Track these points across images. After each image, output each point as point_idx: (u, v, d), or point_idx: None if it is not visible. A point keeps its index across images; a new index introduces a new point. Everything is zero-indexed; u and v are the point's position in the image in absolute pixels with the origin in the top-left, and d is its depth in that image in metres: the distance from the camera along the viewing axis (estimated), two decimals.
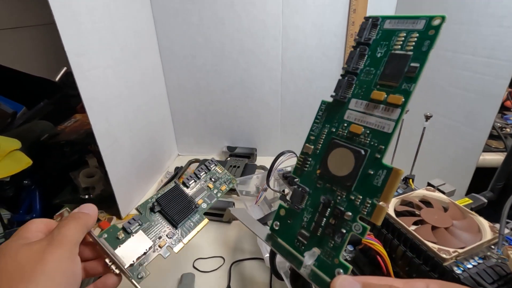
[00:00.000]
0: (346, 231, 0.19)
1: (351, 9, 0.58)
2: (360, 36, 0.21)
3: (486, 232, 0.29)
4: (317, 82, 0.67)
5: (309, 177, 0.22)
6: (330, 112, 0.22)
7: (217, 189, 0.34)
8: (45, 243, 0.20)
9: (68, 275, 0.20)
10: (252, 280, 0.42)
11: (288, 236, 0.22)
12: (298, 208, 0.21)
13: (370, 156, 0.19)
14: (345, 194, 0.19)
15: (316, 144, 0.22)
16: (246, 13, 0.61)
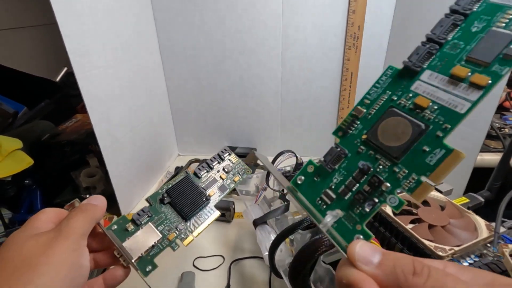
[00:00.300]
0: (379, 201, 0.18)
1: (350, 10, 0.59)
2: (458, 4, 0.19)
3: (482, 230, 0.29)
4: (317, 82, 0.67)
5: (351, 140, 0.20)
6: (396, 79, 0.20)
7: (230, 180, 0.32)
8: (52, 235, 0.20)
9: (74, 268, 0.20)
10: (251, 278, 0.43)
11: (311, 193, 0.21)
12: (331, 168, 0.20)
13: (431, 133, 0.17)
14: (389, 165, 0.18)
15: (370, 108, 0.21)
16: (247, 13, 0.61)
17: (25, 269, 0.18)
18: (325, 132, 0.73)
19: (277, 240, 0.31)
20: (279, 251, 0.35)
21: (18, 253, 0.19)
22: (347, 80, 0.65)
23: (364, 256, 0.15)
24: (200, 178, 0.32)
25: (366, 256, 0.15)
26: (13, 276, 0.18)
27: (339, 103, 0.69)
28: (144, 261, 0.26)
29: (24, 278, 0.18)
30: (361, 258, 0.15)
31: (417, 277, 0.13)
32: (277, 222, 0.41)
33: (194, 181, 0.31)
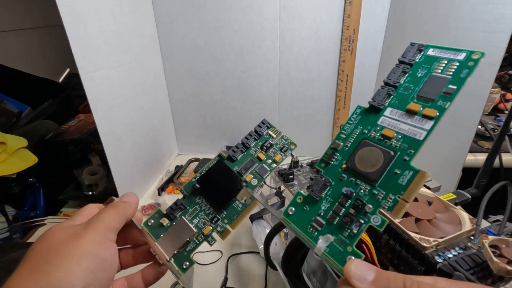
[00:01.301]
0: (364, 222, 0.20)
1: (345, 14, 0.61)
2: (404, 57, 0.24)
3: (466, 224, 0.31)
4: (313, 84, 0.69)
5: (333, 170, 0.23)
6: (364, 116, 0.24)
7: (271, 159, 0.27)
8: (80, 227, 0.21)
9: (96, 260, 0.19)
10: (248, 272, 0.44)
11: (302, 222, 0.23)
12: (318, 196, 0.22)
13: (399, 158, 0.21)
14: (368, 188, 0.21)
15: (346, 141, 0.24)
16: (245, 17, 0.63)
17: (46, 259, 0.18)
18: (322, 132, 0.75)
19: (272, 233, 0.33)
20: (274, 244, 0.36)
21: (46, 243, 0.19)
22: (343, 82, 0.67)
23: (360, 274, 0.16)
24: (235, 162, 0.28)
25: (361, 274, 0.16)
26: (36, 266, 0.18)
27: (335, 104, 0.70)
28: (181, 258, 0.25)
29: (44, 268, 0.18)
30: (357, 276, 0.16)
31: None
32: (273, 217, 0.43)
33: (228, 165, 0.27)
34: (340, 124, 0.72)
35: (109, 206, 0.23)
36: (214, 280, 0.43)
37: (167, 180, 0.66)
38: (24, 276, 0.18)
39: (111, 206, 0.23)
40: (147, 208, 0.57)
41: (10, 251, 0.46)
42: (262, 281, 0.43)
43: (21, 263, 0.19)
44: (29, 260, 0.19)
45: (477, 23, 0.44)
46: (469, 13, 0.45)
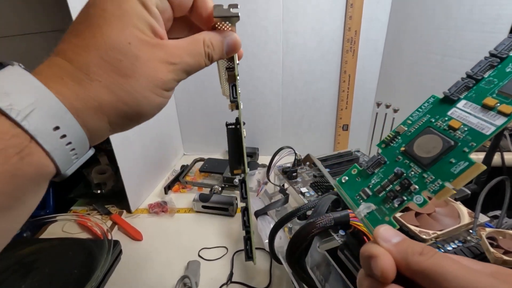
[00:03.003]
0: (407, 199, 0.21)
1: (347, 16, 0.62)
2: (497, 49, 0.23)
3: (464, 217, 0.32)
4: (316, 84, 0.70)
5: (391, 151, 0.25)
6: (435, 105, 0.25)
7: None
8: (166, 54, 0.19)
9: (154, 99, 0.20)
10: (253, 267, 0.46)
11: (352, 190, 0.25)
12: (371, 171, 0.25)
13: (458, 148, 0.21)
14: (419, 171, 0.22)
15: (410, 127, 0.25)
16: (249, 19, 0.65)
17: (131, 72, 0.17)
18: (325, 132, 0.76)
19: (277, 226, 0.34)
20: (278, 238, 0.37)
21: (133, 51, 0.17)
22: (345, 82, 0.68)
23: (386, 236, 0.18)
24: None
25: (387, 236, 0.18)
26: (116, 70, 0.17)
27: (338, 104, 0.72)
28: None
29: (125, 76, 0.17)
30: (383, 237, 0.18)
31: (421, 256, 0.16)
32: (277, 213, 0.44)
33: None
34: (343, 124, 0.74)
35: (219, 42, 0.22)
36: (220, 275, 0.44)
37: (173, 179, 0.67)
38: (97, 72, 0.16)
39: (217, 40, 0.21)
40: (154, 206, 0.59)
41: (22, 246, 0.48)
42: (267, 275, 0.44)
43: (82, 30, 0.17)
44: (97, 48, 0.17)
45: (475, 24, 0.45)
46: (467, 14, 0.46)
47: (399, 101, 0.50)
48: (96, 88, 0.16)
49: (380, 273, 0.16)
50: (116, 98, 0.17)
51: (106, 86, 0.17)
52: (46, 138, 0.15)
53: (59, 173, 0.17)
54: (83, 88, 0.16)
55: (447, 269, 0.15)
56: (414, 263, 0.16)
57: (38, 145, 0.15)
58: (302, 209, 0.34)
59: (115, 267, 0.46)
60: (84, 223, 0.52)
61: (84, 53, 0.17)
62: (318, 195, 0.42)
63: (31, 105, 0.15)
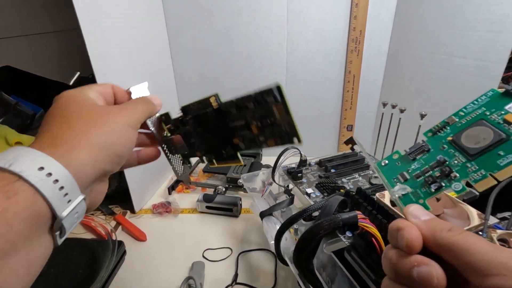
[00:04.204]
0: (445, 185, 0.22)
1: (352, 16, 0.62)
2: None
3: (474, 219, 0.31)
4: (320, 85, 0.70)
5: (438, 140, 0.25)
6: (493, 99, 0.25)
7: (264, 138, 0.22)
8: (117, 108, 0.23)
9: (123, 138, 0.22)
10: (258, 268, 0.45)
11: (390, 173, 0.25)
12: (413, 157, 0.25)
13: (509, 142, 0.21)
14: (463, 161, 0.22)
15: (462, 118, 0.25)
16: (253, 20, 0.65)
17: (94, 120, 0.21)
18: (328, 133, 0.76)
19: (283, 227, 0.34)
20: (284, 239, 0.37)
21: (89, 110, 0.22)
22: (349, 82, 0.68)
23: (415, 213, 0.18)
24: (228, 115, 0.24)
25: (417, 214, 0.18)
26: (87, 123, 0.20)
27: (342, 105, 0.71)
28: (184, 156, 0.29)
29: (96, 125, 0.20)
30: (412, 214, 0.18)
31: (450, 232, 0.16)
32: (283, 214, 0.43)
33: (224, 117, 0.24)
34: (348, 124, 0.73)
35: (141, 99, 0.26)
36: (224, 276, 0.44)
37: (177, 180, 0.67)
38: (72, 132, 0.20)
39: (145, 100, 0.26)
40: (158, 206, 0.58)
41: None
42: (272, 276, 0.44)
43: (56, 117, 0.21)
44: (79, 119, 0.20)
45: (482, 23, 0.44)
46: (474, 13, 0.45)
47: (404, 101, 0.50)
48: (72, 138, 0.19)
49: (405, 243, 0.16)
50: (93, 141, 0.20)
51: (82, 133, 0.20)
52: (32, 174, 0.16)
53: (55, 216, 0.17)
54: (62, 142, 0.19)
55: (474, 244, 0.15)
56: (442, 238, 0.16)
57: (25, 182, 0.16)
58: (308, 210, 0.34)
59: (120, 267, 0.46)
60: (88, 224, 0.52)
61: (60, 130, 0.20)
62: (324, 196, 0.42)
63: (17, 155, 0.17)
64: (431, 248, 0.16)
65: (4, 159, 0.16)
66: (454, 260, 0.15)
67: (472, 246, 0.15)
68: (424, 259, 0.16)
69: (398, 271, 0.16)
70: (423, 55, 0.56)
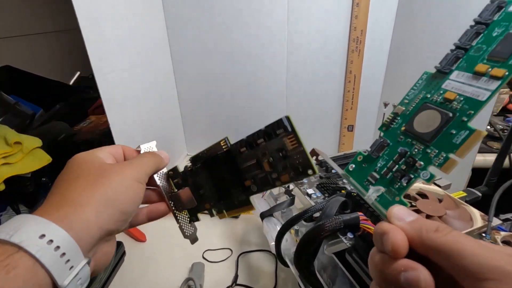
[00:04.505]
0: (414, 177, 0.21)
1: (353, 16, 0.61)
2: (480, 16, 0.23)
3: (477, 220, 0.31)
4: (321, 85, 0.70)
5: (393, 132, 0.25)
6: (429, 81, 0.25)
7: (277, 174, 0.21)
8: (125, 164, 0.24)
9: (130, 193, 0.22)
10: (258, 269, 0.45)
11: (360, 176, 0.25)
12: (376, 155, 0.25)
13: (457, 119, 0.21)
14: (422, 147, 0.22)
15: (408, 106, 0.25)
16: (253, 20, 0.64)
17: (99, 179, 0.21)
18: (329, 133, 0.75)
19: (284, 228, 0.33)
20: (285, 240, 0.37)
21: (97, 168, 0.22)
22: (350, 82, 0.67)
23: (399, 215, 0.18)
24: (238, 156, 0.23)
25: (400, 215, 0.18)
26: (92, 182, 0.21)
27: (343, 105, 0.71)
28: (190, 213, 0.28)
29: (99, 183, 0.21)
30: (396, 216, 0.18)
31: (437, 233, 0.15)
32: (283, 215, 0.43)
33: (233, 159, 0.24)
34: (348, 125, 0.73)
35: (148, 153, 0.27)
36: (224, 278, 0.44)
37: None
38: (80, 190, 0.20)
39: (151, 154, 0.26)
40: None
41: None
42: (272, 278, 0.43)
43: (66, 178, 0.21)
44: (89, 177, 0.21)
45: None
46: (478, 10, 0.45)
47: None
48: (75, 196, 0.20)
49: (390, 248, 0.16)
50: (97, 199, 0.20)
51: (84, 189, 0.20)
52: (32, 244, 0.16)
53: (56, 284, 0.17)
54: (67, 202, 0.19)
55: (464, 246, 0.14)
56: (428, 240, 0.15)
57: (25, 253, 0.16)
58: (309, 211, 0.33)
59: (119, 268, 0.46)
60: None
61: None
62: (325, 196, 0.41)
63: (18, 225, 0.17)
64: (418, 250, 0.16)
65: (5, 230, 0.16)
66: (443, 262, 0.15)
67: (463, 248, 0.14)
68: (411, 263, 0.15)
69: (385, 276, 0.16)
70: (425, 55, 0.56)
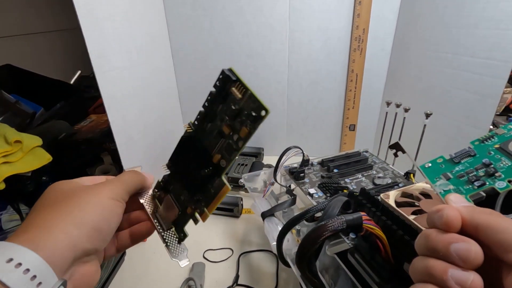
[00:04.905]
0: (488, 183, 0.23)
1: (355, 14, 0.61)
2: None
3: None
4: (322, 84, 0.69)
5: (483, 147, 0.27)
6: None
7: (237, 134, 0.21)
8: (101, 183, 0.23)
9: (104, 211, 0.21)
10: (259, 269, 0.45)
11: (433, 173, 0.27)
12: (458, 160, 0.27)
13: None
14: (509, 164, 0.24)
15: (510, 131, 0.27)
16: (255, 18, 0.64)
17: (68, 202, 0.21)
18: (331, 132, 0.75)
19: (285, 228, 0.33)
20: (286, 241, 0.36)
21: (69, 192, 0.21)
22: (352, 82, 0.67)
23: (455, 200, 0.19)
24: (203, 132, 0.23)
25: (457, 200, 0.19)
26: (68, 204, 0.20)
27: (345, 104, 0.70)
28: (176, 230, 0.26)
29: (67, 209, 0.20)
30: (453, 200, 0.19)
31: (490, 215, 0.17)
32: (284, 215, 0.43)
33: (197, 140, 0.23)
34: (350, 124, 0.72)
35: (130, 171, 0.25)
36: (225, 278, 0.44)
37: None
38: (46, 215, 0.20)
39: (132, 172, 0.25)
40: None
41: None
42: (273, 278, 0.43)
43: (38, 206, 0.21)
44: (48, 203, 0.21)
45: (489, 21, 0.43)
46: (480, 11, 0.45)
47: (408, 101, 0.49)
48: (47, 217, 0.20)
49: (444, 219, 0.17)
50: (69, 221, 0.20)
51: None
52: (11, 277, 0.15)
53: None
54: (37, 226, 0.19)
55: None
56: (480, 219, 0.16)
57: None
58: (311, 211, 0.33)
59: (119, 268, 0.46)
60: None
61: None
62: (327, 196, 0.41)
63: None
64: (468, 230, 0.17)
65: None
66: (490, 238, 0.16)
67: (510, 226, 0.15)
68: (462, 237, 0.16)
69: (435, 246, 0.16)
70: (427, 54, 0.55)
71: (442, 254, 0.16)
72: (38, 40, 1.02)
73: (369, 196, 0.32)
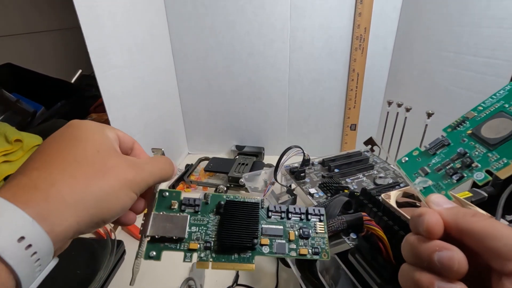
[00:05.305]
0: (467, 176, 0.22)
1: (356, 13, 0.61)
2: None
3: None
4: (324, 83, 0.69)
5: (457, 134, 0.26)
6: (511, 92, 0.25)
7: (295, 247, 0.24)
8: (131, 164, 0.20)
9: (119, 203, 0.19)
10: (259, 270, 0.44)
11: (411, 169, 0.26)
12: (433, 152, 0.26)
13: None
14: (484, 151, 0.23)
15: (480, 113, 0.26)
16: (256, 17, 0.64)
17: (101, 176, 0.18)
18: (332, 132, 0.75)
19: None
20: None
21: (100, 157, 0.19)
22: (353, 81, 0.67)
23: (437, 201, 0.19)
24: (267, 218, 0.25)
25: (438, 202, 0.19)
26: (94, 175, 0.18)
27: (346, 103, 0.70)
28: (155, 245, 0.23)
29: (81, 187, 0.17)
30: (434, 202, 0.19)
31: (474, 217, 0.16)
32: None
33: (260, 214, 0.24)
34: (351, 124, 0.72)
35: (167, 162, 0.24)
36: (225, 278, 0.43)
37: (178, 178, 0.66)
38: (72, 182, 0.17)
39: (168, 163, 0.24)
40: None
41: None
42: (273, 278, 0.43)
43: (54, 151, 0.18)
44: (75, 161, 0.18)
45: (492, 20, 0.43)
46: (483, 10, 0.44)
47: (409, 100, 0.49)
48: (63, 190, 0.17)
49: (425, 227, 0.16)
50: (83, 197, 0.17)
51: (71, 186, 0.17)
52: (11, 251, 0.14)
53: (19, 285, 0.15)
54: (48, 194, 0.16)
55: (500, 230, 0.15)
56: (465, 223, 0.16)
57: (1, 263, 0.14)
58: None
59: (119, 267, 0.45)
60: None
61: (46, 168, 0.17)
62: (328, 196, 0.41)
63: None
64: (453, 233, 0.16)
65: None
66: (477, 245, 0.15)
67: (497, 232, 0.15)
68: (446, 244, 0.16)
69: (419, 255, 0.16)
70: (429, 53, 0.55)
71: (426, 264, 0.16)
72: (39, 39, 1.02)
73: (370, 196, 0.32)
